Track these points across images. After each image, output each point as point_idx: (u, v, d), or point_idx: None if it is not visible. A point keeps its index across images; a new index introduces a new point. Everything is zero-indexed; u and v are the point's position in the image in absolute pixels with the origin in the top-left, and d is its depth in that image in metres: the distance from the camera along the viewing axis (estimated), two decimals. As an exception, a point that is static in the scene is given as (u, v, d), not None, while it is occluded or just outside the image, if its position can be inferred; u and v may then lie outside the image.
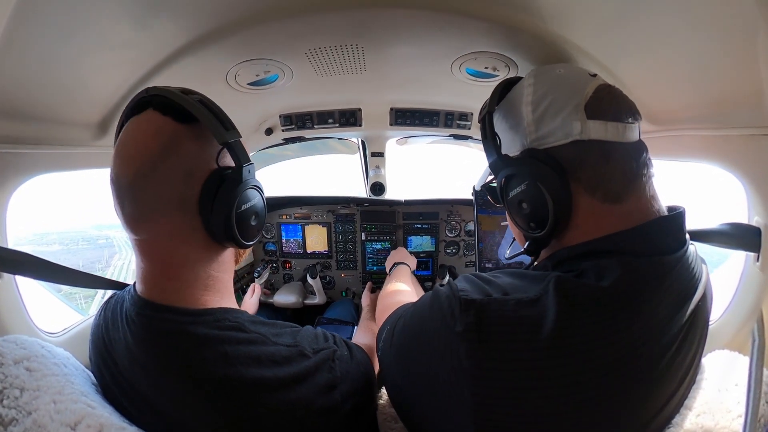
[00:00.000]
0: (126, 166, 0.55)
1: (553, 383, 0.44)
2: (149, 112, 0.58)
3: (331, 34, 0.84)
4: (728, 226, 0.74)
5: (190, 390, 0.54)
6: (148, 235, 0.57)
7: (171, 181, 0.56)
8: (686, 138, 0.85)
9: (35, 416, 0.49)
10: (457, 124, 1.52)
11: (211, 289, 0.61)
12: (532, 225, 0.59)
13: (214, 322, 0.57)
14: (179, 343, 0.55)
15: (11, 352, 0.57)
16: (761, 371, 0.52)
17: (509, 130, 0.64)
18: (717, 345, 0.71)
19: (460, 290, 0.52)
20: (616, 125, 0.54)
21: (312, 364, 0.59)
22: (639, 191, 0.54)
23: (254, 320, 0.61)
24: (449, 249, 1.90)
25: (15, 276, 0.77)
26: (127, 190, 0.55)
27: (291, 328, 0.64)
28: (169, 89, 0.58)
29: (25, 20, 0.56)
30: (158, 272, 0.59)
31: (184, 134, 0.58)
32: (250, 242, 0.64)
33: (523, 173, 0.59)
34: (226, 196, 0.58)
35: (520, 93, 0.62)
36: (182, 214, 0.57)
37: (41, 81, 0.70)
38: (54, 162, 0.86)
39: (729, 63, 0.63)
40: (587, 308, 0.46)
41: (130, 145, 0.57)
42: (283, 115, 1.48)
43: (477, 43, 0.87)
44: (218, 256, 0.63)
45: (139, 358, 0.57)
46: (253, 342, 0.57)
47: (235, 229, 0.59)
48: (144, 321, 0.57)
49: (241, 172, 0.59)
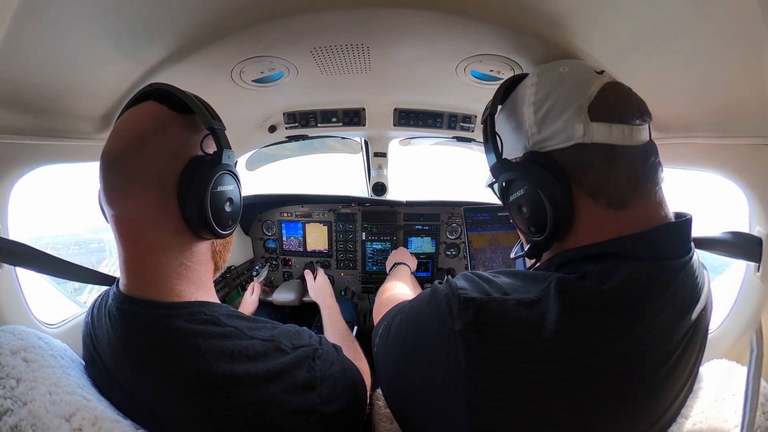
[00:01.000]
0: (118, 141, 0.58)
1: (552, 386, 0.44)
2: (149, 102, 0.63)
3: (336, 33, 0.84)
4: (729, 235, 0.74)
5: (166, 384, 0.54)
6: (124, 210, 0.58)
7: (156, 158, 0.58)
8: (688, 146, 0.84)
9: (30, 407, 0.49)
10: (460, 126, 1.52)
11: (184, 278, 0.61)
12: (532, 229, 0.59)
13: (189, 316, 0.57)
14: (156, 338, 0.55)
15: (9, 342, 0.57)
16: (758, 382, 0.51)
17: (511, 132, 0.63)
18: (716, 354, 0.71)
19: (459, 288, 0.51)
20: (622, 128, 0.51)
21: (288, 361, 0.58)
22: (646, 197, 0.52)
23: (231, 314, 0.61)
24: (449, 251, 1.90)
25: (15, 267, 0.77)
26: (115, 162, 0.58)
27: (272, 324, 0.64)
28: (169, 84, 0.63)
29: (30, 12, 0.56)
30: (132, 254, 0.60)
31: (176, 120, 0.62)
32: (224, 231, 0.64)
33: (522, 178, 0.58)
34: (203, 176, 0.59)
35: (523, 93, 0.61)
36: (160, 191, 0.58)
37: (46, 73, 0.71)
38: (57, 153, 0.87)
39: (733, 71, 0.63)
40: (589, 311, 0.45)
41: (127, 123, 0.61)
42: (286, 113, 1.48)
43: (482, 45, 0.87)
44: (192, 246, 0.63)
45: (120, 353, 0.58)
46: (226, 336, 0.57)
47: (208, 211, 0.59)
48: (123, 316, 0.58)
49: (221, 156, 0.61)
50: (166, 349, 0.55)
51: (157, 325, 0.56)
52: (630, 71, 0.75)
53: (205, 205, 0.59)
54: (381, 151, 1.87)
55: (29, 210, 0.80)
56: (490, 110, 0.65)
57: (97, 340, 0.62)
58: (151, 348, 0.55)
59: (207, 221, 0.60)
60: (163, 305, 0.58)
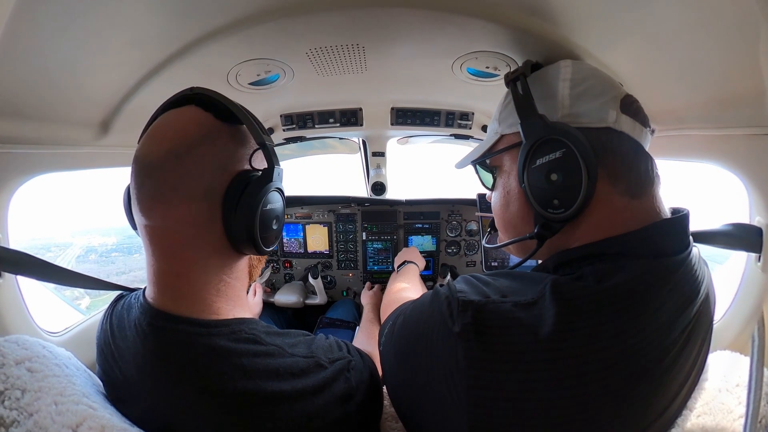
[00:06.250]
0: (159, 145, 0.55)
1: (552, 386, 0.44)
2: (191, 107, 0.58)
3: (332, 33, 0.84)
4: (729, 227, 0.74)
5: (206, 403, 0.52)
6: (162, 221, 0.55)
7: (202, 168, 0.55)
8: (687, 137, 0.84)
9: (36, 418, 0.48)
10: (458, 123, 1.51)
11: (223, 295, 0.60)
12: (555, 202, 0.54)
13: (230, 334, 0.55)
14: (195, 356, 0.53)
15: (13, 352, 0.57)
16: (762, 372, 0.52)
17: (537, 100, 0.59)
18: (720, 345, 0.71)
19: (458, 291, 0.52)
20: (642, 128, 0.56)
21: (329, 375, 0.58)
22: (653, 191, 0.54)
23: (269, 331, 0.60)
24: (450, 249, 1.90)
25: (16, 276, 0.77)
26: (154, 168, 0.54)
27: (304, 337, 0.63)
28: (212, 90, 0.59)
29: (25, 20, 0.56)
30: (167, 269, 0.57)
31: (223, 131, 0.58)
32: (269, 248, 0.63)
33: (563, 140, 0.53)
34: (254, 192, 0.57)
35: (555, 70, 0.60)
36: (204, 203, 0.56)
37: (42, 81, 0.70)
38: (55, 162, 0.87)
39: (730, 62, 0.63)
40: (586, 310, 0.46)
41: (168, 128, 0.57)
42: (284, 115, 1.48)
43: (478, 42, 0.87)
44: (233, 262, 0.62)
45: (150, 370, 0.55)
46: (270, 354, 0.56)
47: (257, 228, 0.57)
48: (156, 332, 0.55)
49: (272, 173, 0.59)
50: (207, 368, 0.53)
51: (197, 344, 0.54)
52: (626, 65, 0.76)
53: (255, 223, 0.57)
54: (379, 150, 1.87)
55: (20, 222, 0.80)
56: (522, 71, 0.61)
57: (119, 352, 0.59)
58: (190, 365, 0.53)
59: (254, 239, 0.58)
60: (202, 323, 0.55)
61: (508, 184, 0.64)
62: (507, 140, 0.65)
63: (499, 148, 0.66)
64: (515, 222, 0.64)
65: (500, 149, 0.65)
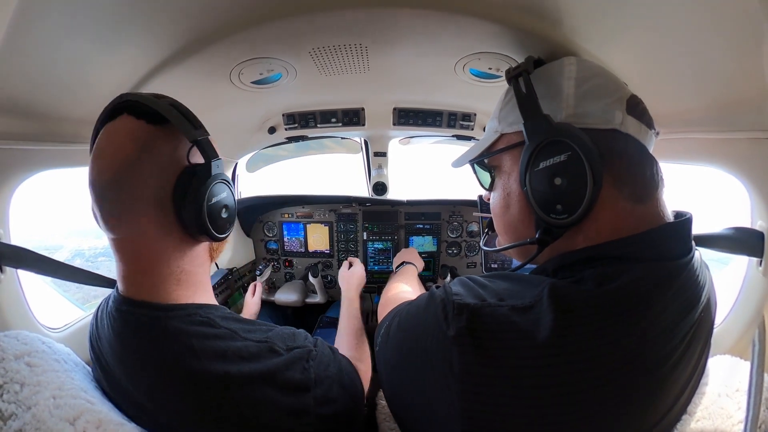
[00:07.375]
0: (103, 170, 0.58)
1: (549, 391, 0.43)
2: (124, 117, 0.60)
3: (335, 33, 0.84)
4: (731, 231, 0.74)
5: (162, 382, 0.56)
6: (126, 234, 0.60)
7: (147, 180, 0.58)
8: (690, 141, 0.84)
9: (35, 411, 0.49)
10: (460, 124, 1.51)
11: (183, 283, 0.63)
12: (558, 207, 0.52)
13: (185, 317, 0.59)
14: (152, 337, 0.57)
15: (12, 347, 0.57)
16: (762, 377, 0.51)
17: (540, 98, 0.56)
18: (720, 350, 0.70)
19: (453, 294, 0.51)
20: (648, 130, 0.54)
21: (282, 362, 0.59)
22: (657, 195, 0.53)
23: (226, 316, 0.63)
24: (451, 249, 1.90)
25: (17, 271, 0.77)
26: (107, 191, 0.58)
27: (267, 326, 0.65)
28: (141, 94, 0.61)
29: (28, 18, 0.56)
30: (134, 269, 0.61)
31: (157, 135, 0.60)
32: (223, 235, 0.66)
33: (570, 143, 0.51)
34: (197, 190, 0.60)
35: (559, 68, 0.59)
36: (158, 210, 0.59)
37: (44, 78, 0.71)
38: (57, 158, 0.87)
39: (733, 66, 0.63)
40: (585, 315, 0.45)
41: (107, 149, 0.59)
42: (286, 114, 1.48)
43: (481, 43, 0.87)
44: (191, 251, 0.65)
45: (119, 353, 0.59)
46: (220, 337, 0.58)
47: (207, 222, 0.61)
48: (122, 316, 0.60)
49: (210, 167, 0.61)
50: (162, 348, 0.56)
51: (155, 326, 0.57)
52: (629, 67, 0.75)
53: (203, 218, 0.60)
54: (381, 150, 1.87)
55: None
56: (524, 68, 0.58)
57: (101, 341, 0.64)
58: (148, 347, 0.57)
59: (206, 230, 0.61)
60: (160, 307, 0.59)
61: (508, 186, 0.62)
62: (507, 139, 0.62)
63: (499, 148, 0.63)
64: (515, 225, 0.62)
65: (500, 149, 0.63)
